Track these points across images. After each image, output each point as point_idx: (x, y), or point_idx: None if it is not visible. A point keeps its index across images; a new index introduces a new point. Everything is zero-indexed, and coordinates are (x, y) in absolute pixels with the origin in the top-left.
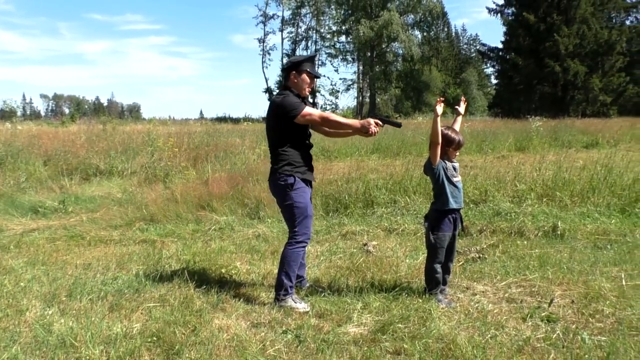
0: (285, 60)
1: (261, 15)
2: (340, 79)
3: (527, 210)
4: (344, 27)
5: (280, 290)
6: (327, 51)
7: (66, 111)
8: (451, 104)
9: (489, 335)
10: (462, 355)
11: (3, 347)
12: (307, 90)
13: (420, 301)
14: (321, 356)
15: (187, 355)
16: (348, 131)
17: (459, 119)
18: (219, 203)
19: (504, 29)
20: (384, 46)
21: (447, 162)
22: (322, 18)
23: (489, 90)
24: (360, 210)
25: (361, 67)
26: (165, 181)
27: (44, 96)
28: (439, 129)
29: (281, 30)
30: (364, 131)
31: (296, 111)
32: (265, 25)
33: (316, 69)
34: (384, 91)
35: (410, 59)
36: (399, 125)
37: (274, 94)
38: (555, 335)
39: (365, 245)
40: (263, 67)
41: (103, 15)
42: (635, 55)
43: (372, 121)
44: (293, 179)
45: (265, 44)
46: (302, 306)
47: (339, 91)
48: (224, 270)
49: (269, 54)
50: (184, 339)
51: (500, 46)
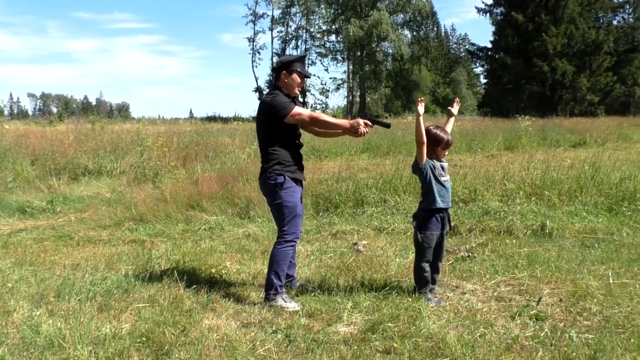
0: (275, 60)
1: (251, 14)
2: (331, 78)
3: (516, 209)
4: (333, 27)
5: (270, 289)
6: (317, 50)
7: (54, 110)
8: (441, 104)
9: (478, 334)
10: (451, 353)
11: None
12: (297, 89)
13: (410, 300)
14: (311, 356)
15: (176, 356)
16: (337, 131)
17: (452, 120)
18: (208, 203)
19: (492, 28)
20: (373, 45)
21: (435, 161)
22: (312, 17)
23: (478, 89)
24: (351, 209)
25: (351, 67)
26: (154, 181)
27: (31, 95)
28: (423, 128)
29: (271, 30)
30: (353, 131)
31: (286, 111)
32: (255, 25)
33: (306, 68)
34: (374, 90)
35: (400, 58)
36: (388, 126)
37: (264, 93)
38: (544, 333)
39: (356, 244)
40: (253, 66)
41: (91, 14)
42: (622, 55)
43: (361, 121)
44: (283, 178)
45: (255, 43)
46: (292, 306)
47: (329, 90)
48: (213, 270)
49: (259, 53)
50: (173, 339)
51: (489, 46)
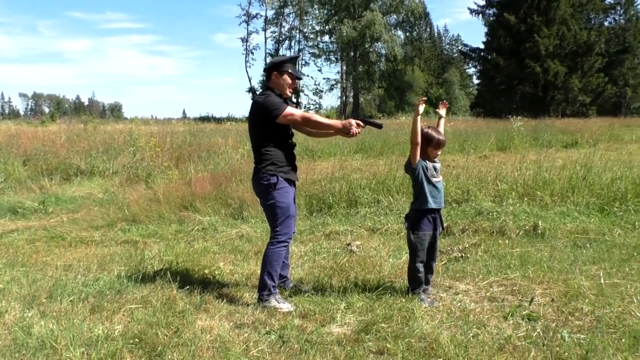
0: (268, 60)
1: (244, 15)
2: (324, 78)
3: (508, 210)
4: (327, 27)
5: (264, 290)
6: (311, 51)
7: (46, 110)
8: (434, 104)
9: (470, 334)
10: (444, 354)
11: None
12: (289, 91)
13: (404, 301)
14: (304, 356)
15: (169, 357)
16: (330, 131)
17: (442, 121)
18: (202, 203)
19: (485, 29)
20: (367, 46)
21: (427, 162)
22: (305, 18)
23: (471, 90)
24: (344, 210)
25: (344, 67)
26: (147, 181)
27: (23, 95)
28: (419, 128)
29: (264, 30)
30: (345, 132)
31: (278, 111)
32: (248, 25)
33: (298, 69)
34: (367, 91)
35: (393, 59)
36: (380, 126)
37: (258, 93)
38: (536, 333)
39: (349, 245)
40: (246, 67)
41: (83, 14)
42: (613, 56)
43: (353, 122)
44: (276, 179)
45: (248, 44)
46: (285, 306)
47: (322, 91)
48: (207, 271)
49: (253, 53)
50: (166, 340)
51: (482, 47)
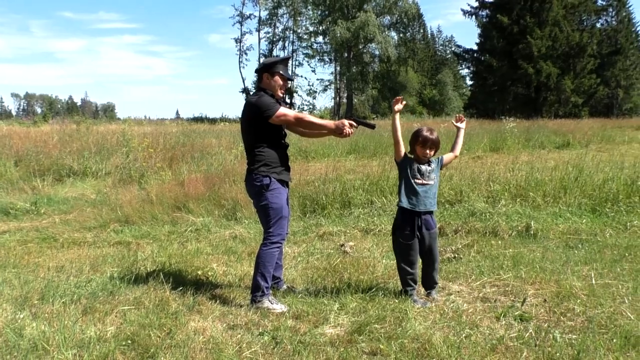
0: (261, 61)
1: (238, 15)
2: (318, 79)
3: (501, 211)
4: (320, 28)
5: (257, 291)
6: (304, 51)
7: (38, 110)
8: (428, 105)
9: (463, 335)
10: (437, 354)
11: None
12: (281, 92)
13: (397, 301)
14: (298, 358)
15: (162, 359)
16: (323, 132)
17: (460, 132)
18: (195, 204)
19: (478, 30)
20: (360, 47)
21: (415, 162)
22: (299, 18)
23: (464, 91)
24: (337, 211)
25: (338, 68)
26: (140, 182)
27: (15, 95)
28: (397, 126)
29: (258, 31)
30: (339, 132)
31: (271, 112)
32: (242, 25)
33: (290, 70)
34: (361, 92)
35: (386, 59)
36: (373, 127)
37: (251, 94)
38: (528, 334)
39: (342, 246)
40: (240, 67)
41: (76, 14)
42: (605, 57)
43: (346, 122)
44: (269, 180)
45: (242, 44)
46: (278, 307)
47: (316, 91)
48: (200, 272)
49: (246, 54)
50: (159, 341)
51: (475, 48)
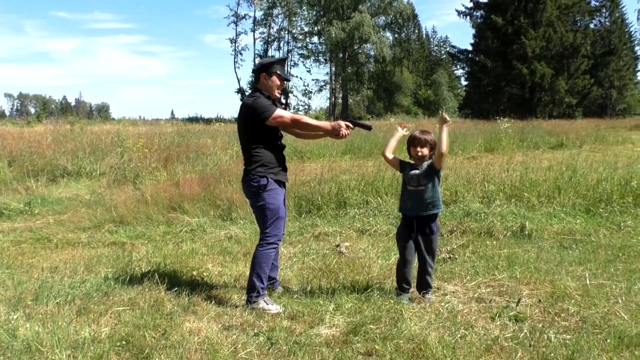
0: (257, 61)
1: (233, 15)
2: (313, 79)
3: (496, 211)
4: (315, 28)
5: (252, 292)
6: (300, 52)
7: (32, 111)
8: (423, 106)
9: (458, 335)
10: (432, 355)
11: None
12: (278, 92)
13: (392, 302)
14: (293, 358)
15: (157, 359)
16: (319, 133)
17: (443, 129)
18: (190, 204)
19: (473, 31)
20: (355, 47)
21: (408, 169)
22: (294, 19)
23: (459, 91)
24: (333, 211)
25: (333, 68)
26: (135, 182)
27: (8, 95)
28: (390, 146)
29: (253, 31)
30: (335, 133)
31: (267, 113)
32: (237, 26)
33: (287, 70)
34: (356, 92)
35: (381, 60)
36: (369, 128)
37: (246, 94)
38: (523, 334)
39: (338, 246)
40: (235, 68)
41: (70, 14)
42: (599, 58)
43: (342, 123)
44: (266, 180)
45: (237, 44)
46: (274, 308)
47: (311, 92)
48: (195, 273)
49: (241, 54)
50: (154, 342)
51: (470, 48)
